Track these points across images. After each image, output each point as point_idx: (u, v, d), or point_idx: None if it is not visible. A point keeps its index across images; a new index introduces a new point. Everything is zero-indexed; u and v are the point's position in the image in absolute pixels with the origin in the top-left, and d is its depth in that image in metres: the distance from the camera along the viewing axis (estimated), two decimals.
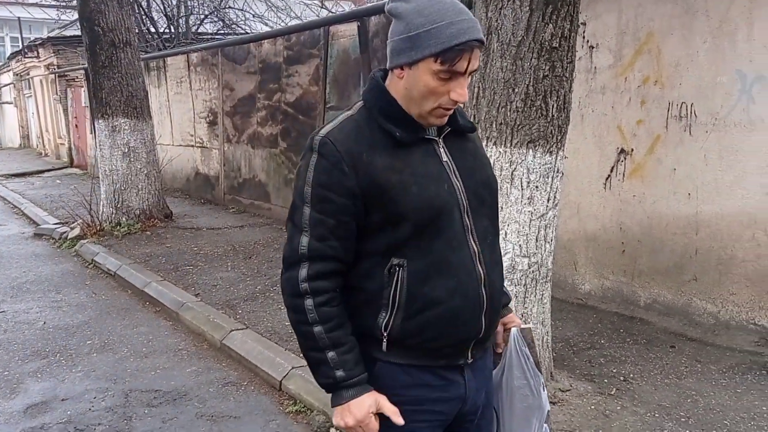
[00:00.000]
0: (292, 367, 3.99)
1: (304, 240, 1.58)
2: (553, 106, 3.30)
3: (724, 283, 4.20)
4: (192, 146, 11.30)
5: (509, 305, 1.96)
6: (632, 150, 4.64)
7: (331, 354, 1.60)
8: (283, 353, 4.21)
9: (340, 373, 1.59)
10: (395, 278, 1.61)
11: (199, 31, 16.55)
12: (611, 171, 4.78)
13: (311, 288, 1.58)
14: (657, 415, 3.34)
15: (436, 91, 1.55)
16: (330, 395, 1.67)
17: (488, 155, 3.28)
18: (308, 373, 4.03)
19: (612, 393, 3.56)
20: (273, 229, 8.26)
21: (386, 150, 1.59)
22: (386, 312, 1.64)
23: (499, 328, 1.92)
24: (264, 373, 4.07)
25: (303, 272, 1.58)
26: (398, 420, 1.61)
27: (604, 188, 4.83)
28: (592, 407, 3.42)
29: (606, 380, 3.72)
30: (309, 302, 1.59)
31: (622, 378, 3.73)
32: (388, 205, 1.57)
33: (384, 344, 1.66)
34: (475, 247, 1.66)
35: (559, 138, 3.37)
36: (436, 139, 1.66)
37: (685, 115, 4.32)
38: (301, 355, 1.89)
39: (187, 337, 4.82)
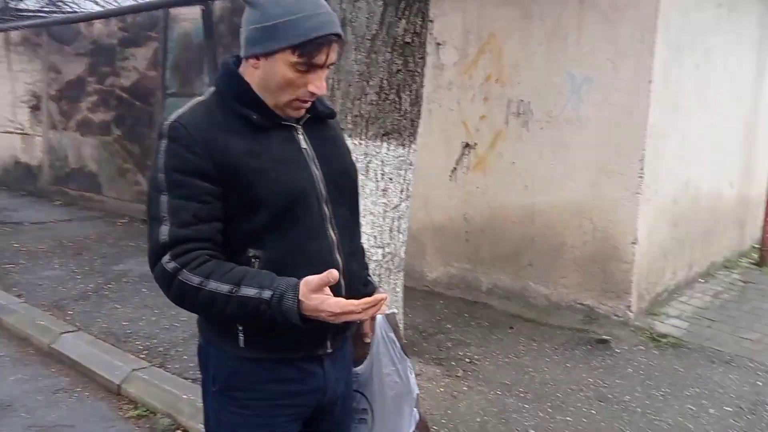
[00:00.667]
0: (132, 370, 3.78)
1: (164, 230, 1.48)
2: (406, 100, 3.39)
3: (556, 267, 4.58)
4: (11, 133, 10.27)
5: (375, 293, 1.98)
6: (476, 144, 4.90)
7: (244, 290, 1.46)
8: (121, 355, 3.96)
9: (267, 293, 1.45)
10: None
11: (20, 7, 15.01)
12: (456, 164, 5.01)
13: (179, 263, 1.47)
14: (500, 392, 3.57)
15: (293, 83, 1.52)
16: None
17: None
18: (151, 375, 3.86)
19: (459, 375, 3.75)
20: (106, 222, 7.73)
21: (242, 135, 1.54)
22: None
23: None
24: (100, 378, 3.80)
25: (167, 257, 1.48)
26: (333, 275, 1.45)
27: (450, 180, 5.05)
28: (442, 389, 3.58)
29: (453, 363, 3.91)
30: (184, 274, 1.47)
31: (467, 360, 3.94)
32: (244, 191, 1.52)
33: (241, 339, 1.60)
34: (333, 236, 1.63)
35: (411, 131, 3.47)
36: (295, 125, 1.63)
37: (524, 112, 4.64)
38: (142, 355, 1.76)
39: (10, 342, 4.38)
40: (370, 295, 1.86)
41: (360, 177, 3.35)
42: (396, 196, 3.49)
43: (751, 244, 5.95)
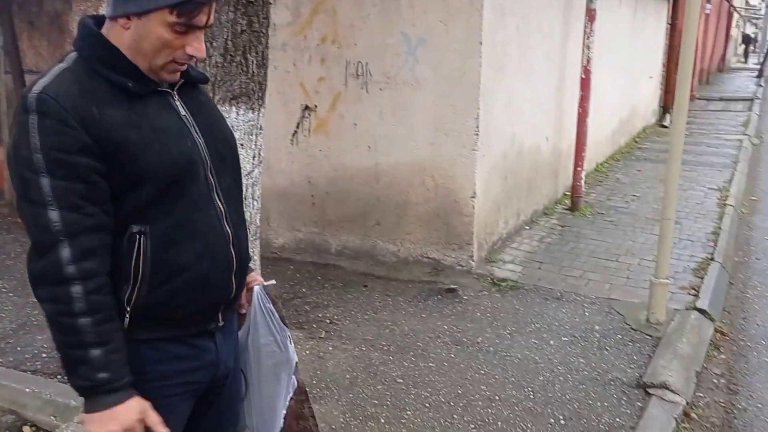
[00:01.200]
0: None
1: (54, 215, 1.35)
2: (252, 62, 3.28)
3: (402, 225, 4.76)
4: None
5: (248, 265, 1.95)
6: (316, 106, 4.89)
7: (96, 353, 1.38)
8: None
9: (103, 375, 1.39)
10: (136, 247, 1.46)
11: None
12: (297, 127, 4.97)
13: (79, 271, 1.36)
14: (364, 348, 3.68)
15: (170, 44, 1.42)
16: (83, 398, 1.45)
17: None
18: None
19: (322, 336, 3.80)
20: None
21: (118, 104, 1.42)
22: (128, 285, 1.49)
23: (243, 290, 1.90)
24: None
25: (65, 253, 1.35)
26: (162, 431, 1.47)
27: (292, 144, 5.00)
28: (307, 352, 3.61)
29: (314, 325, 3.94)
30: (77, 289, 1.36)
31: (328, 321, 4.00)
32: (127, 166, 1.41)
33: (126, 320, 1.50)
34: (221, 206, 1.58)
35: (260, 95, 3.37)
36: (170, 91, 1.53)
37: (362, 73, 4.69)
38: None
39: None
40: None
41: None
42: (248, 162, 3.39)
43: (564, 192, 6.59)
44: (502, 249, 5.09)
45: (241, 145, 3.33)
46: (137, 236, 1.46)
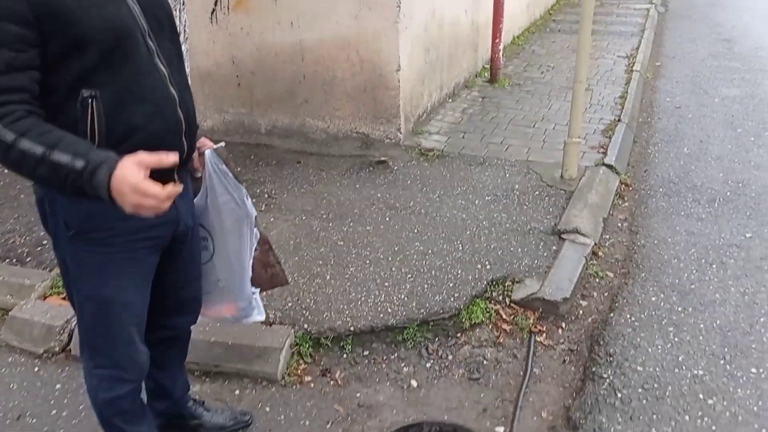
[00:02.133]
0: None
1: None
2: None
3: (330, 101, 4.87)
4: None
5: (197, 130, 2.08)
6: None
7: (57, 154, 1.48)
8: None
9: (80, 162, 1.48)
10: (89, 111, 1.60)
11: None
12: (215, 5, 4.87)
13: None
14: (304, 218, 3.90)
15: None
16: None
17: None
18: None
19: (262, 209, 3.99)
20: None
21: None
22: None
23: (194, 154, 2.05)
24: None
25: None
26: (169, 158, 1.56)
27: (211, 23, 4.92)
28: None
29: (254, 200, 4.01)
30: (0, 127, 1.46)
31: (267, 195, 4.18)
32: (67, 30, 1.53)
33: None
34: (164, 70, 1.72)
35: None
36: None
37: None
38: None
39: None
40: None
41: None
42: None
43: (483, 65, 6.80)
44: (427, 121, 5.31)
45: None
46: (89, 100, 1.59)
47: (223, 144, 2.18)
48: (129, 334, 1.95)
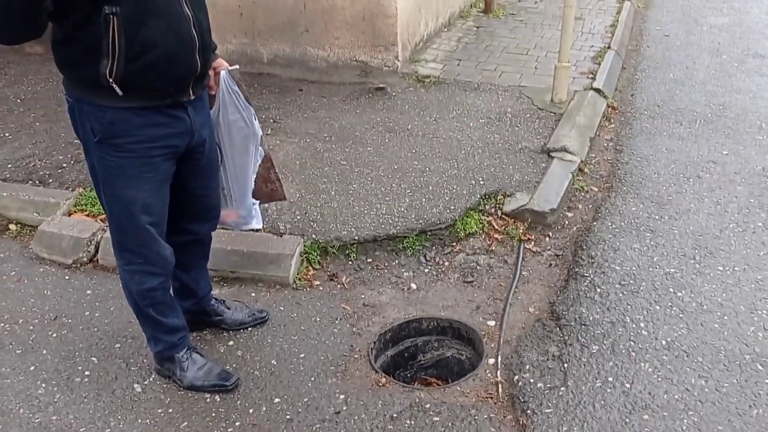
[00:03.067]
0: None
1: None
2: None
3: (330, 30, 5.02)
4: None
5: (215, 51, 2.28)
6: None
7: None
8: None
9: None
10: (111, 26, 1.78)
11: None
12: None
13: None
14: (308, 140, 4.13)
15: None
16: None
17: None
18: None
19: (269, 133, 4.20)
20: None
21: None
22: (108, 59, 1.83)
23: (210, 73, 2.25)
24: None
25: None
26: None
27: None
28: None
29: (260, 124, 4.31)
30: None
31: (272, 120, 4.39)
32: None
33: (116, 89, 1.88)
34: None
35: None
36: None
37: None
38: None
39: None
40: (213, 51, 2.23)
41: None
42: None
43: None
44: (423, 50, 5.47)
45: None
46: (110, 17, 1.76)
47: (237, 66, 2.39)
48: (151, 233, 2.20)
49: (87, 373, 2.62)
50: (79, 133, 2.09)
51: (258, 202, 2.64)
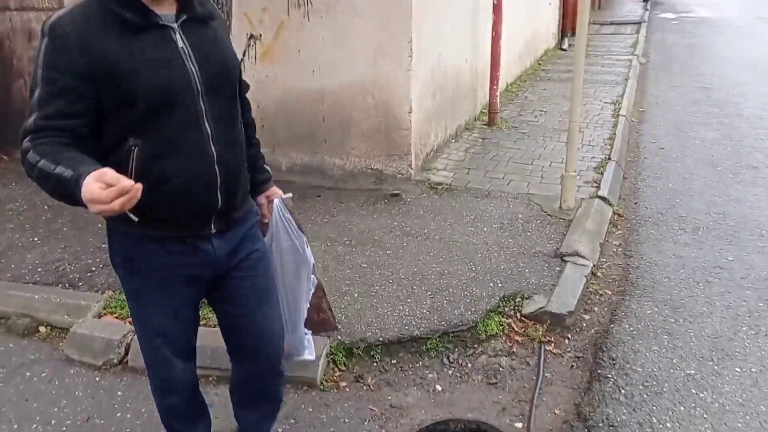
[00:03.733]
0: None
1: (32, 119, 1.71)
2: None
3: (347, 140, 5.31)
4: None
5: (270, 181, 2.33)
6: (261, 35, 5.28)
7: (59, 168, 1.62)
8: None
9: (69, 173, 1.60)
10: (131, 157, 1.77)
11: None
12: (244, 55, 5.34)
13: (31, 144, 1.69)
14: (329, 244, 4.28)
15: None
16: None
17: None
18: None
19: None
20: None
21: (117, 34, 1.70)
22: None
23: (263, 201, 2.29)
24: None
25: (26, 140, 1.71)
26: (125, 183, 1.53)
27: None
28: None
29: None
30: (30, 153, 1.68)
31: None
32: (118, 88, 1.71)
33: (131, 216, 1.69)
34: (208, 129, 1.85)
35: (229, 23, 3.78)
36: (173, 25, 1.79)
37: (303, 3, 5.11)
38: None
39: None
40: (263, 183, 2.30)
41: None
42: None
43: (481, 109, 7.30)
44: (434, 159, 5.76)
45: None
46: (132, 148, 1.76)
47: (290, 195, 2.40)
48: (166, 355, 2.14)
49: None
50: (109, 253, 2.08)
51: (310, 332, 2.62)
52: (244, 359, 2.31)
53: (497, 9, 6.83)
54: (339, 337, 3.35)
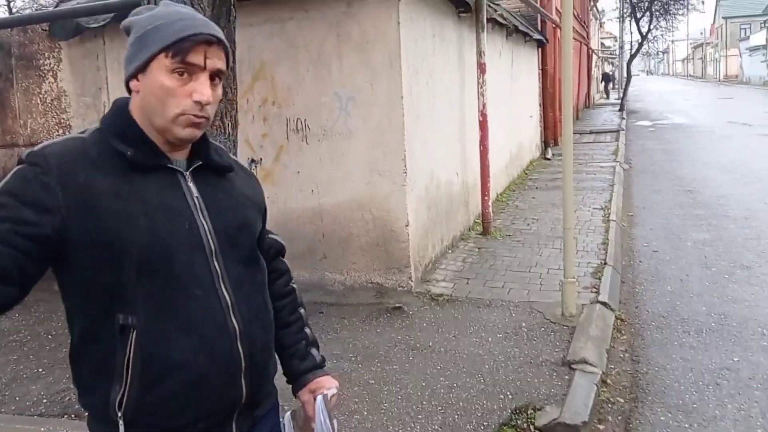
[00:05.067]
0: None
1: None
2: (228, 125, 3.88)
3: (347, 256, 5.40)
4: None
5: (319, 368, 1.77)
6: (261, 159, 5.48)
7: None
8: None
9: None
10: (128, 341, 1.32)
11: None
12: None
13: None
14: (335, 361, 4.25)
15: (174, 92, 1.35)
16: None
17: None
18: None
19: None
20: None
21: (114, 174, 1.35)
22: (120, 384, 1.33)
23: (308, 398, 1.70)
24: None
25: None
26: None
27: None
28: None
29: None
30: None
31: None
32: (103, 237, 1.30)
33: (121, 428, 1.34)
34: (227, 297, 1.41)
35: (234, 152, 3.96)
36: (183, 171, 1.45)
37: (301, 128, 5.36)
38: None
39: None
40: (312, 369, 1.72)
41: None
42: None
43: (474, 219, 7.48)
44: (433, 270, 5.83)
45: None
46: (126, 329, 1.32)
47: (334, 391, 1.77)
48: None
49: None
50: None
51: None
52: None
53: (483, 125, 7.16)
54: None
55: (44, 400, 3.93)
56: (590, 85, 29.68)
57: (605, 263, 5.92)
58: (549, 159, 13.17)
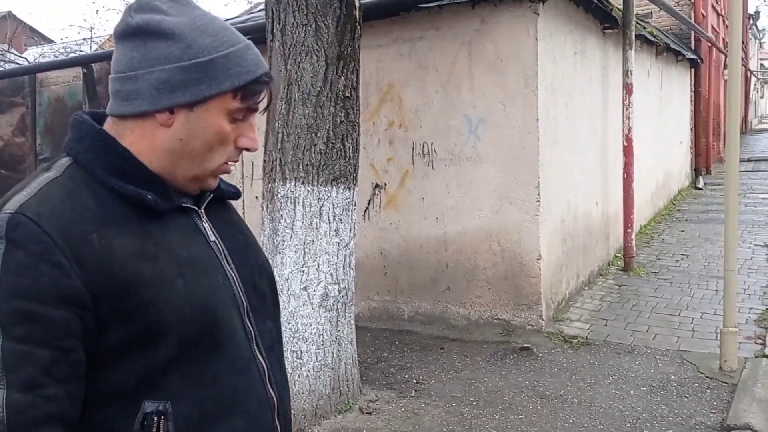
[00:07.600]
0: None
1: None
2: (349, 148, 3.73)
3: (471, 288, 5.06)
4: None
5: None
6: (385, 184, 5.31)
7: None
8: None
9: None
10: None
11: None
12: (369, 204, 5.37)
13: None
14: (454, 404, 3.92)
15: (227, 138, 1.08)
16: None
17: (296, 194, 3.62)
18: None
19: (412, 395, 4.05)
20: None
21: (127, 227, 1.01)
22: None
23: None
24: None
25: None
26: None
27: (364, 219, 5.40)
28: (402, 409, 3.86)
29: (403, 386, 4.20)
30: None
31: (415, 381, 4.26)
32: (139, 313, 0.98)
33: None
34: (263, 363, 1.14)
35: (355, 175, 3.80)
36: (196, 209, 1.14)
37: (428, 152, 5.13)
38: None
39: None
40: None
41: (314, 220, 3.65)
42: (346, 234, 3.78)
43: (614, 253, 6.86)
44: (567, 308, 5.34)
45: (341, 220, 3.74)
46: (155, 418, 1.00)
47: None
48: None
49: None
50: None
51: None
52: None
53: (627, 150, 6.58)
54: None
55: None
56: (747, 109, 27.30)
57: None
58: (700, 189, 12.06)
